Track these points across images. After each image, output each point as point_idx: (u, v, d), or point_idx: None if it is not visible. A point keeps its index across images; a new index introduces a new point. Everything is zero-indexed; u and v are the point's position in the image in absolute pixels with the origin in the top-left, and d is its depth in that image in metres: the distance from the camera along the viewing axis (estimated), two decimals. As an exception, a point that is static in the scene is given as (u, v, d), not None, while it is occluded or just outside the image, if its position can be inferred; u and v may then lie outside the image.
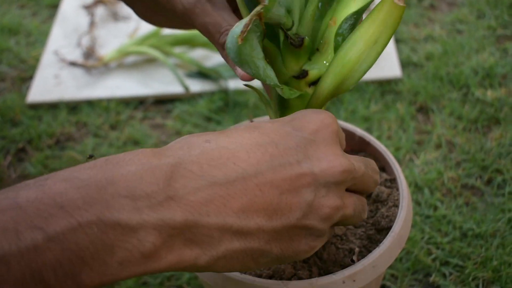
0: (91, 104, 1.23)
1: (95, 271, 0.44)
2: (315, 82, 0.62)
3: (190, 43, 1.29)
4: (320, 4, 0.63)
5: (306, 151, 0.52)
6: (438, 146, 1.08)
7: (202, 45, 1.28)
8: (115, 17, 1.43)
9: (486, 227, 0.94)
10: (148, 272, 0.46)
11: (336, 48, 0.59)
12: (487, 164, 1.04)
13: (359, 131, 0.80)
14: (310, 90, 0.62)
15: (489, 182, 1.02)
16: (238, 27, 0.52)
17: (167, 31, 1.31)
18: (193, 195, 0.46)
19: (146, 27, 1.35)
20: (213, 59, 1.30)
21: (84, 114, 1.21)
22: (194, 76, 1.26)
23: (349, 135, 0.81)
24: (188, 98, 1.23)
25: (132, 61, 1.32)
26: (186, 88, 1.22)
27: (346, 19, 0.59)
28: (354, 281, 0.64)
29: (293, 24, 0.59)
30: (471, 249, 0.91)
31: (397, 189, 0.74)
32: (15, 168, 1.11)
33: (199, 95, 1.23)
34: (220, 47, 0.64)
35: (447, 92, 1.18)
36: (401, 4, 0.54)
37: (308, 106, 0.62)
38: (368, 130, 1.11)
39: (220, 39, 0.64)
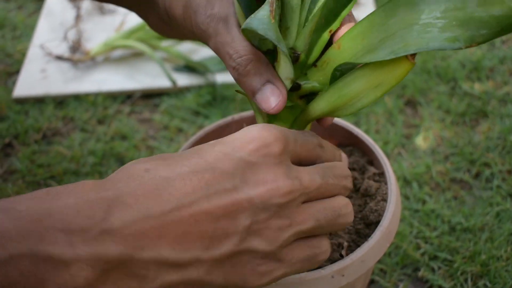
0: (78, 98, 1.22)
1: None
2: (307, 95, 0.62)
3: (177, 36, 1.28)
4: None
5: (244, 174, 0.50)
6: (426, 140, 1.08)
7: (190, 38, 1.27)
8: (101, 10, 1.43)
9: (474, 221, 0.94)
10: None
11: (333, 79, 0.59)
12: (475, 157, 1.04)
13: (347, 125, 0.80)
14: (300, 102, 0.62)
15: (477, 175, 1.02)
16: (264, 9, 0.53)
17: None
18: (127, 228, 0.45)
19: (132, 21, 1.35)
20: (200, 52, 1.30)
21: (71, 108, 1.20)
22: (181, 70, 1.25)
23: (337, 129, 0.81)
24: (175, 92, 1.22)
25: (119, 55, 1.31)
26: (174, 82, 1.21)
27: (346, 63, 0.58)
28: (343, 275, 0.64)
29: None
30: (459, 243, 0.91)
31: (386, 183, 0.74)
32: (1, 163, 1.10)
33: (187, 89, 1.22)
34: (231, 69, 0.61)
35: (435, 85, 1.18)
36: (413, 61, 0.53)
37: (297, 119, 0.63)
38: (356, 124, 1.11)
39: (230, 63, 0.61)
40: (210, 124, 0.82)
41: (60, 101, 1.22)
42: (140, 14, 0.75)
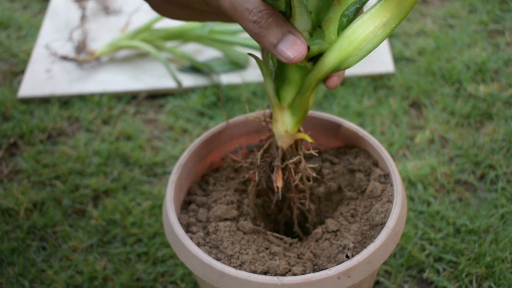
0: (83, 98, 1.22)
1: None
2: (314, 58, 0.63)
3: (182, 37, 1.28)
4: None
5: None
6: (431, 142, 1.08)
7: (194, 39, 1.27)
8: (107, 10, 1.43)
9: (479, 223, 0.94)
10: None
11: (340, 28, 0.60)
12: (480, 159, 1.04)
13: (352, 126, 0.80)
14: (309, 65, 0.63)
15: (482, 177, 1.02)
16: None
17: (158, 25, 1.30)
18: None
19: (137, 21, 1.35)
20: (205, 53, 1.30)
21: (76, 108, 1.20)
22: (186, 71, 1.26)
23: (343, 131, 0.81)
24: (180, 92, 1.22)
25: (124, 55, 1.31)
26: (179, 83, 1.22)
27: (354, 2, 0.59)
28: (349, 277, 0.64)
29: None
30: (464, 245, 0.92)
31: (391, 185, 0.74)
32: (7, 163, 1.10)
33: (192, 89, 1.23)
34: (251, 24, 0.61)
35: (440, 87, 1.18)
36: None
37: (308, 79, 0.63)
38: (361, 125, 1.11)
39: (250, 17, 0.61)
40: (215, 126, 0.82)
41: (65, 101, 1.23)
42: None
